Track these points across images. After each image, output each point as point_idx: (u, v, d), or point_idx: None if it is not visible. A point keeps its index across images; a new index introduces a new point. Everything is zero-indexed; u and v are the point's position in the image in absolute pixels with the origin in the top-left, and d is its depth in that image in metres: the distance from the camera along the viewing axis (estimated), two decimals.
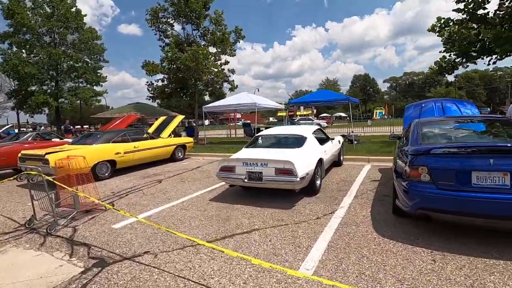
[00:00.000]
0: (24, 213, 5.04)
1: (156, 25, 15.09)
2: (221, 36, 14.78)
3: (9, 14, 19.17)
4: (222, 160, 5.13)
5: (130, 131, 8.99)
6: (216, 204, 4.99)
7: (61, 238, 3.90)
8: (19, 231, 4.25)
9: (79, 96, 21.65)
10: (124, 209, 4.95)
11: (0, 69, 19.65)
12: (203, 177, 7.36)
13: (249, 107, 12.58)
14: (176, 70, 14.40)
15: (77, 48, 21.54)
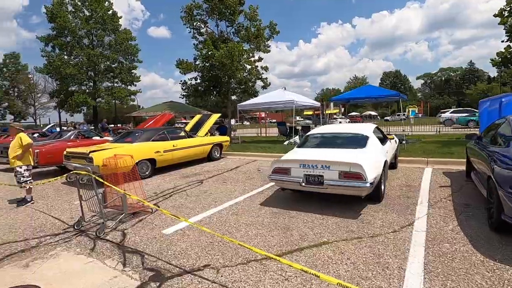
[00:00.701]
0: (71, 213, 4.92)
1: (191, 23, 15.01)
2: (256, 31, 14.36)
3: (52, 17, 20.14)
4: (276, 161, 4.67)
5: (169, 130, 8.83)
6: (268, 210, 4.54)
7: (111, 243, 3.64)
8: (68, 233, 4.07)
9: (115, 95, 22.38)
10: (171, 212, 4.66)
11: (45, 71, 20.75)
12: (245, 179, 6.97)
13: (286, 105, 12.08)
14: (210, 68, 14.23)
15: (113, 49, 22.22)
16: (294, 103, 11.59)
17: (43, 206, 5.41)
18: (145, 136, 7.84)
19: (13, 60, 36.82)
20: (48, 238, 3.93)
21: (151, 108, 17.08)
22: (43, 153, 8.20)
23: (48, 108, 36.07)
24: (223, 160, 9.95)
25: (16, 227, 4.35)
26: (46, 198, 5.99)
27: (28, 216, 4.88)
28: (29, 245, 3.72)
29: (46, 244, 3.72)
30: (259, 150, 10.85)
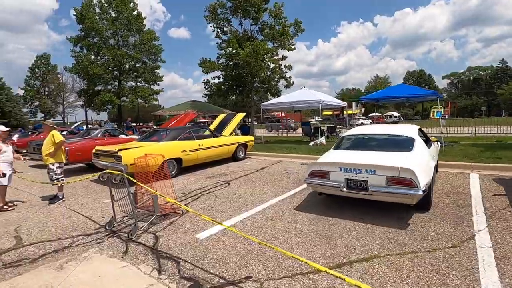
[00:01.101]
0: (102, 212, 4.86)
1: (215, 22, 14.95)
2: (281, 29, 14.07)
3: (81, 19, 20.81)
4: (313, 164, 4.37)
5: (194, 129, 8.73)
6: (305, 216, 4.25)
7: (144, 246, 3.49)
8: (100, 233, 3.98)
9: (138, 94, 22.84)
10: (195, 215, 4.48)
11: (73, 70, 21.49)
12: (274, 180, 6.70)
13: (313, 105, 11.71)
14: (233, 67, 14.09)
15: (137, 49, 22.67)
16: (321, 102, 11.20)
17: (74, 204, 5.41)
18: (172, 135, 7.77)
19: (44, 61, 38.64)
20: (81, 238, 3.85)
21: (174, 107, 17.25)
22: (72, 151, 8.33)
23: (75, 106, 37.61)
24: (247, 161, 9.74)
25: (49, 225, 4.33)
26: (76, 196, 6.01)
27: (60, 214, 4.87)
28: (62, 245, 3.66)
29: (79, 245, 3.63)
30: (284, 151, 10.55)
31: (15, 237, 3.94)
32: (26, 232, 4.10)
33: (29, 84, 38.16)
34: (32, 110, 37.52)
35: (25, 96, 36.54)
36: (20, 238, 3.90)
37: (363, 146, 4.66)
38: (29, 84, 38.16)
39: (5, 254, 3.44)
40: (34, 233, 4.06)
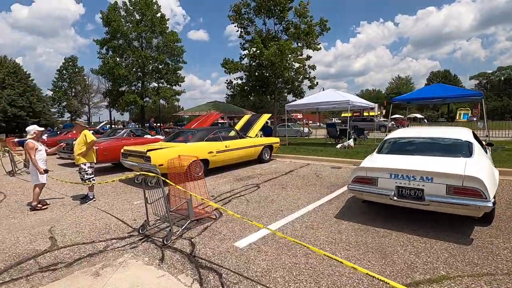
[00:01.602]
0: (133, 214, 4.74)
1: (239, 21, 14.81)
2: (306, 28, 13.70)
3: (108, 21, 21.37)
4: (358, 169, 4.03)
5: (221, 130, 8.57)
6: (349, 225, 3.92)
7: (181, 253, 3.29)
8: (133, 237, 3.83)
9: (161, 95, 23.16)
10: (237, 220, 4.25)
11: (100, 72, 22.10)
12: (305, 184, 6.38)
13: (341, 105, 11.28)
14: (257, 67, 13.88)
15: (160, 51, 23.00)
16: (349, 103, 10.74)
17: (104, 205, 5.34)
18: (199, 136, 7.63)
19: (71, 63, 40.24)
20: (115, 242, 3.71)
21: (196, 108, 17.28)
22: (100, 150, 8.37)
23: (100, 107, 38.89)
24: (273, 163, 9.46)
25: (82, 227, 4.25)
26: (106, 196, 5.97)
27: (92, 215, 4.80)
28: (97, 248, 3.53)
29: (113, 249, 3.49)
30: (310, 153, 10.18)
31: (50, 238, 3.86)
32: (60, 233, 4.02)
33: (57, 86, 39.86)
34: (60, 110, 39.15)
35: (54, 96, 38.19)
36: (54, 239, 3.82)
37: (413, 150, 4.26)
38: (57, 86, 39.86)
39: (41, 257, 3.35)
40: (68, 234, 3.98)
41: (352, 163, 8.56)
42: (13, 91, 30.17)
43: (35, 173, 5.14)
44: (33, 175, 5.16)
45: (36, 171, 5.13)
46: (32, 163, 5.07)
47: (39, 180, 5.14)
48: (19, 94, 30.41)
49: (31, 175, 5.16)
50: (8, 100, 29.54)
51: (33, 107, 31.22)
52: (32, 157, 5.04)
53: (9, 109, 29.32)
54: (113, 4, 22.06)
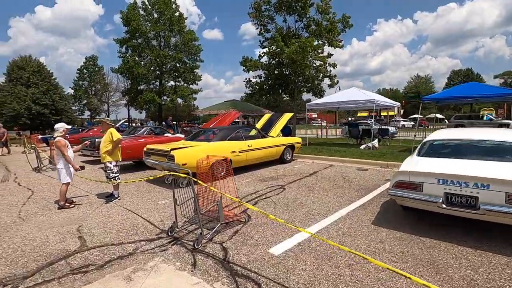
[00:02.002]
0: (159, 215, 4.64)
1: (259, 19, 14.58)
2: (329, 25, 13.28)
3: (127, 21, 21.68)
4: (400, 173, 3.75)
5: (243, 129, 8.40)
6: (390, 233, 3.64)
7: (213, 259, 3.13)
8: (162, 239, 3.71)
9: (178, 94, 23.31)
10: (267, 224, 4.06)
11: (119, 71, 22.47)
12: (333, 187, 6.12)
13: (366, 105, 10.87)
14: (276, 65, 13.62)
15: (178, 49, 23.13)
16: (375, 102, 10.32)
17: (129, 204, 5.29)
18: (221, 135, 7.50)
19: (92, 63, 41.29)
20: (144, 244, 3.61)
21: (214, 107, 17.24)
22: (123, 148, 8.38)
23: (118, 105, 39.74)
24: (295, 163, 9.22)
25: (109, 227, 4.18)
26: (130, 195, 5.93)
27: (119, 214, 4.73)
28: (126, 250, 3.43)
29: (143, 252, 3.38)
30: (333, 154, 9.86)
31: (78, 238, 3.81)
32: (89, 233, 3.96)
33: (78, 84, 41.01)
34: (80, 108, 40.28)
35: (74, 95, 39.31)
36: (83, 239, 3.76)
37: (461, 153, 3.92)
38: (78, 84, 41.01)
39: (71, 257, 3.28)
40: (96, 234, 3.91)
41: (379, 165, 8.20)
42: (37, 89, 31.17)
43: (63, 171, 5.14)
44: (60, 173, 5.16)
45: (64, 170, 5.13)
46: (67, 161, 5.08)
47: (66, 178, 5.14)
48: (43, 92, 31.39)
49: (58, 173, 5.15)
50: (33, 98, 30.55)
51: (55, 105, 32.15)
52: (66, 154, 5.05)
53: (33, 107, 30.32)
54: (132, 4, 22.36)
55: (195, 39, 24.24)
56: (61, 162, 5.15)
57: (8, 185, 7.31)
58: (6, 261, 3.22)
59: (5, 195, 6.27)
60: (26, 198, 5.97)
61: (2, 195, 6.26)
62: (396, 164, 7.99)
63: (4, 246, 3.62)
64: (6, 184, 7.44)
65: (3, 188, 6.96)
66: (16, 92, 30.31)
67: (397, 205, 4.62)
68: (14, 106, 29.60)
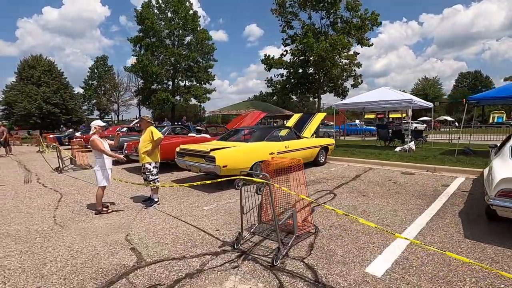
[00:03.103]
0: (211, 223, 4.16)
1: (283, 15, 14.07)
2: (359, 22, 12.72)
3: (141, 20, 21.36)
4: (504, 181, 3.22)
5: (279, 129, 7.91)
6: (496, 250, 3.12)
7: (303, 280, 2.65)
8: (228, 253, 3.23)
9: (192, 93, 22.93)
10: (343, 236, 3.57)
11: (133, 70, 22.15)
12: (388, 193, 5.60)
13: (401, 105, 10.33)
14: (301, 64, 13.11)
15: (192, 49, 22.77)
16: (412, 102, 9.78)
17: (172, 210, 4.83)
18: (259, 135, 7.01)
19: (102, 62, 41.20)
20: (209, 258, 3.13)
21: (234, 106, 16.79)
22: None
23: (129, 105, 39.52)
24: (329, 166, 8.70)
25: (161, 236, 3.71)
26: (167, 199, 5.48)
27: (165, 221, 4.27)
28: (192, 266, 2.95)
29: (212, 269, 2.90)
30: (369, 157, 9.33)
31: (132, 250, 3.34)
32: (141, 244, 3.50)
33: (88, 84, 40.92)
34: (90, 107, 40.15)
35: (84, 94, 39.21)
36: (138, 252, 3.29)
37: None
38: (88, 84, 40.92)
39: (132, 275, 2.81)
40: (150, 245, 3.45)
41: (424, 168, 7.66)
42: (48, 88, 31.07)
43: (99, 173, 4.69)
44: (96, 176, 4.71)
45: (100, 172, 4.69)
46: (108, 155, 4.71)
47: (103, 182, 4.69)
48: (54, 91, 31.29)
49: (96, 176, 4.70)
50: (44, 97, 30.45)
51: (66, 104, 32.04)
52: (104, 149, 4.64)
53: (44, 106, 30.21)
54: (147, 2, 22.05)
55: (208, 38, 23.85)
56: (97, 163, 4.71)
57: (32, 186, 6.91)
58: (59, 279, 2.76)
59: (33, 197, 5.85)
60: (56, 201, 5.54)
61: (30, 197, 5.84)
62: (444, 168, 7.45)
63: (50, 258, 3.17)
64: (30, 185, 7.04)
65: (29, 189, 6.55)
66: (27, 91, 30.22)
67: (480, 215, 4.12)
68: (25, 105, 29.50)
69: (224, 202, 5.21)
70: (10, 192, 6.37)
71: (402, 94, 10.45)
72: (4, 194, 6.17)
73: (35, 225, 4.23)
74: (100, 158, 4.70)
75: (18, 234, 3.89)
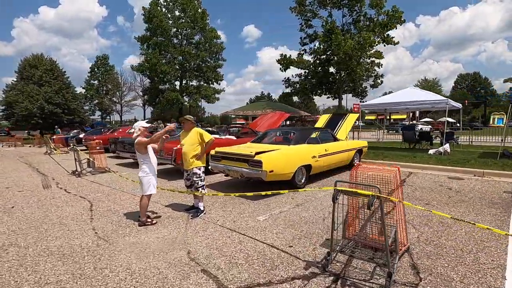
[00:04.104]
0: (279, 239, 3.68)
1: (302, 13, 13.59)
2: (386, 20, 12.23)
3: (150, 18, 20.84)
4: None
5: (317, 130, 7.44)
6: None
7: None
8: (318, 276, 2.77)
9: (202, 93, 22.42)
10: (434, 254, 3.11)
11: (140, 69, 21.60)
12: (450, 200, 5.16)
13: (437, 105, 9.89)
14: (322, 63, 12.65)
15: (201, 48, 22.28)
16: (448, 103, 9.37)
17: (222, 220, 4.35)
18: (299, 137, 6.55)
19: (103, 61, 40.49)
20: (300, 282, 2.67)
21: (249, 107, 16.30)
22: (178, 152, 7.47)
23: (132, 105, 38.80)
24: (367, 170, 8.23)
25: (229, 255, 3.22)
26: (209, 207, 5.01)
27: (223, 235, 3.78)
28: None
29: None
30: (403, 159, 8.88)
31: (204, 273, 2.86)
32: (210, 264, 3.02)
33: (89, 84, 40.21)
34: (91, 108, 39.41)
35: (86, 94, 38.49)
36: (213, 275, 2.81)
37: None
38: (89, 84, 40.21)
39: None
40: (222, 267, 2.96)
41: (472, 173, 7.23)
42: (50, 88, 30.42)
43: (145, 180, 4.19)
44: (142, 182, 4.22)
45: (146, 178, 4.18)
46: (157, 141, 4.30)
47: (150, 189, 4.20)
48: (55, 91, 30.63)
49: (142, 183, 4.20)
50: (45, 97, 29.78)
51: (68, 104, 31.38)
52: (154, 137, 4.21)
53: (46, 106, 29.54)
54: (154, 0, 21.52)
55: (217, 37, 23.35)
56: (143, 168, 4.22)
57: (54, 192, 6.37)
58: None
59: (60, 205, 5.33)
60: (88, 210, 5.03)
61: (57, 205, 5.32)
62: (493, 173, 7.03)
63: (112, 285, 2.68)
64: (51, 191, 6.50)
65: (51, 196, 6.02)
66: (28, 91, 29.55)
67: None
68: (27, 105, 28.83)
69: (277, 211, 4.74)
70: (32, 198, 5.84)
71: (435, 95, 10.05)
72: (27, 201, 5.64)
73: (76, 240, 3.73)
74: (146, 163, 4.21)
75: (62, 252, 3.38)
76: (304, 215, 4.54)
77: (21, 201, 5.63)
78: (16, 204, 5.44)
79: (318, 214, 4.56)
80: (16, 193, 6.35)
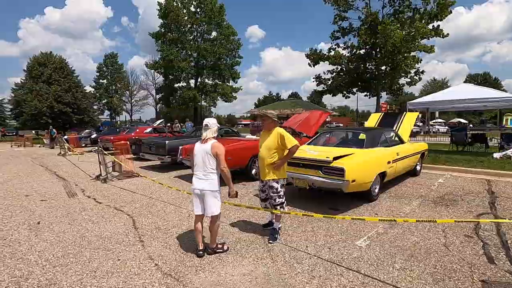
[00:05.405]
0: (407, 275, 2.69)
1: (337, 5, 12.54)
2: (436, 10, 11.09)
3: (165, 13, 19.97)
4: None
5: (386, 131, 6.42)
6: None
7: None
8: None
9: (219, 92, 21.48)
10: None
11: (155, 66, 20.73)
12: None
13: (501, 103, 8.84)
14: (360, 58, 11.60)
15: (218, 44, 21.36)
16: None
17: (310, 246, 3.37)
18: (372, 139, 5.53)
19: (112, 60, 39.75)
20: None
21: (276, 105, 15.35)
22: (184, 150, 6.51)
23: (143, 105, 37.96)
24: (430, 176, 7.19)
25: None
26: None
27: (332, 272, 2.81)
28: None
29: None
30: (469, 165, 7.81)
31: None
32: None
33: (98, 83, 39.51)
34: (100, 107, 38.67)
35: (95, 93, 37.76)
36: None
37: None
38: (98, 83, 39.51)
39: None
40: None
41: None
42: (59, 87, 29.67)
43: (215, 195, 3.16)
44: (216, 200, 3.16)
45: (218, 192, 3.17)
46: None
47: (219, 208, 3.18)
48: (65, 90, 29.89)
49: (211, 199, 3.15)
50: (55, 96, 29.05)
51: (78, 103, 30.63)
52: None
53: (55, 105, 28.80)
54: None
55: (234, 33, 22.38)
56: (213, 178, 3.17)
57: (82, 202, 5.43)
58: None
59: (96, 220, 4.38)
60: (131, 227, 4.09)
61: (92, 221, 4.37)
62: None
63: None
64: (79, 200, 5.57)
65: (81, 207, 5.08)
66: (37, 89, 28.82)
67: None
68: (36, 104, 28.09)
69: (372, 233, 3.74)
70: (59, 210, 4.91)
71: (498, 92, 9.01)
72: (54, 214, 4.71)
73: (134, 276, 2.78)
74: (217, 173, 3.19)
75: None
76: (414, 239, 3.55)
77: (47, 214, 4.71)
78: (42, 218, 4.52)
79: (433, 237, 3.57)
80: (38, 202, 5.44)
